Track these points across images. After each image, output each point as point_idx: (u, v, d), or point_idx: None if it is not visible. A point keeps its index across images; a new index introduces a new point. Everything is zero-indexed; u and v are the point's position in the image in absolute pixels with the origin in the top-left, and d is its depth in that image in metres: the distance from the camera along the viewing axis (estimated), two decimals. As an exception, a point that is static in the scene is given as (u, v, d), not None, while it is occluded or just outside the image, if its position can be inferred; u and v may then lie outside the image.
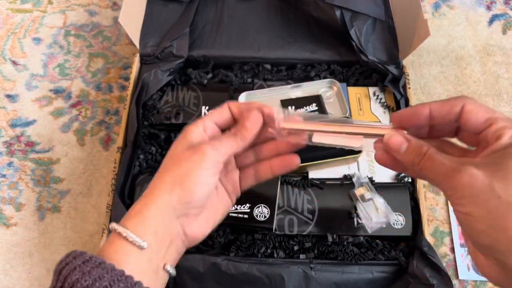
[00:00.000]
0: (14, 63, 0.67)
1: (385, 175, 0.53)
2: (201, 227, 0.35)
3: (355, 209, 0.51)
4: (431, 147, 0.30)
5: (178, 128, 0.48)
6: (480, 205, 0.26)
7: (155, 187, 0.32)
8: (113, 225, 0.31)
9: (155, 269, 0.31)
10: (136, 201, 0.33)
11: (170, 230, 0.32)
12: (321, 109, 0.57)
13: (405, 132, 0.32)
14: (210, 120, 0.36)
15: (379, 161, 0.34)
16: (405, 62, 0.61)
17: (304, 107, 0.57)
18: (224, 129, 0.37)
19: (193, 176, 0.32)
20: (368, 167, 0.54)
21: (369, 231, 0.50)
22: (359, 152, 0.51)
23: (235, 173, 0.39)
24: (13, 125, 0.62)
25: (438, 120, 0.31)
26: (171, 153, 0.34)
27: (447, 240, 0.56)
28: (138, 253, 0.30)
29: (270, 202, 0.48)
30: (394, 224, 0.50)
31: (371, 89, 0.60)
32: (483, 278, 0.53)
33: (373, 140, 0.34)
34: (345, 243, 0.49)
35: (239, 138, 0.35)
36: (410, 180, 0.53)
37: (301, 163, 0.38)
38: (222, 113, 0.36)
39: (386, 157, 0.33)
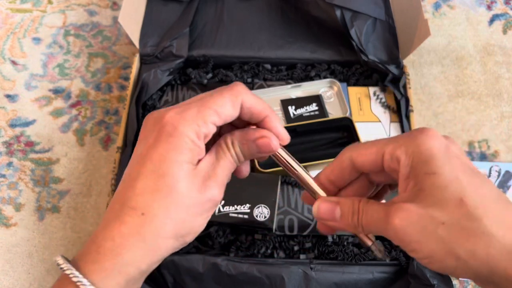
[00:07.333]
0: (14, 63, 0.67)
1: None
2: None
3: (356, 209, 0.50)
4: (363, 198, 0.27)
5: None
6: (431, 242, 0.23)
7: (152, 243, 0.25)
8: (65, 266, 0.24)
9: None
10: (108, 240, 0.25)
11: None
12: (321, 109, 0.57)
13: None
14: (215, 119, 0.27)
15: (322, 230, 0.30)
16: (406, 62, 0.61)
17: (304, 107, 0.57)
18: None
19: (201, 225, 0.27)
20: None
21: (370, 231, 0.49)
22: None
23: None
24: (12, 125, 0.62)
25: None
26: (182, 184, 0.25)
27: (447, 240, 0.55)
28: None
29: (270, 202, 0.48)
30: (394, 224, 0.50)
31: (372, 89, 0.59)
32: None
33: None
34: (345, 243, 0.49)
35: (236, 155, 0.28)
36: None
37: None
38: (230, 108, 0.27)
39: (324, 226, 0.29)
